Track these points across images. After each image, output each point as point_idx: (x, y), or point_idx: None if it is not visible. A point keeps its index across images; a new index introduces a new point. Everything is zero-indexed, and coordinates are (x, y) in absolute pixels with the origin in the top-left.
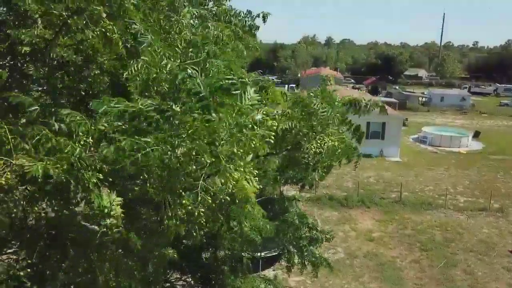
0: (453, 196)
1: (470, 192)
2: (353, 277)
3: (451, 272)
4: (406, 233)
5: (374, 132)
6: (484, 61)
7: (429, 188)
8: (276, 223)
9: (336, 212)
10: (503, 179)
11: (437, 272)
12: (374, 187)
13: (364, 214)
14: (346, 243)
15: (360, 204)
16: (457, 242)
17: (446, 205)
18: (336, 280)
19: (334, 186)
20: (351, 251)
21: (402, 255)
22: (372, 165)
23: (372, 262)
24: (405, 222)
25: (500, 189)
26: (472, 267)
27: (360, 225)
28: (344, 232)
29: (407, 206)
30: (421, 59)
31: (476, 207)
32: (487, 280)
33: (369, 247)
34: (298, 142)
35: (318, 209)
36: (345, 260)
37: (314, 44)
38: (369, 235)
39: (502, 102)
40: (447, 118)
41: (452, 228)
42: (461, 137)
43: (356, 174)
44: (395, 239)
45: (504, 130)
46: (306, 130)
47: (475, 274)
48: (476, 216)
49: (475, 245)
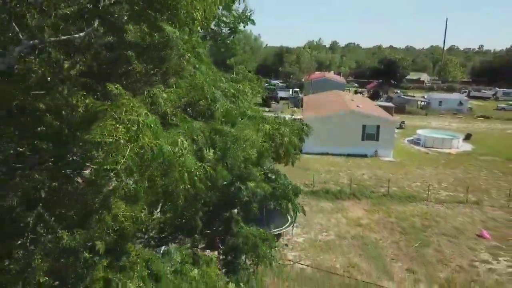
0: (436, 191)
1: (453, 188)
2: (341, 253)
3: (423, 250)
4: (390, 221)
5: (369, 134)
6: (487, 65)
7: (416, 184)
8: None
9: (331, 203)
10: (485, 177)
11: (412, 251)
12: (366, 183)
13: (355, 205)
14: (337, 228)
15: (352, 197)
16: (433, 228)
17: (429, 198)
18: (327, 255)
19: (330, 182)
20: (341, 234)
21: (384, 238)
22: (366, 164)
23: (358, 242)
24: (390, 211)
25: (480, 185)
26: (443, 247)
27: (350, 214)
28: (337, 219)
29: (394, 199)
30: (425, 62)
31: (455, 200)
32: (453, 256)
33: (356, 231)
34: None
35: (315, 200)
36: (335, 241)
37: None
38: (358, 221)
39: (499, 106)
40: (444, 121)
41: (431, 217)
42: (452, 139)
43: (351, 171)
44: (380, 225)
45: (497, 133)
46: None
47: (443, 252)
48: (454, 208)
49: (448, 230)
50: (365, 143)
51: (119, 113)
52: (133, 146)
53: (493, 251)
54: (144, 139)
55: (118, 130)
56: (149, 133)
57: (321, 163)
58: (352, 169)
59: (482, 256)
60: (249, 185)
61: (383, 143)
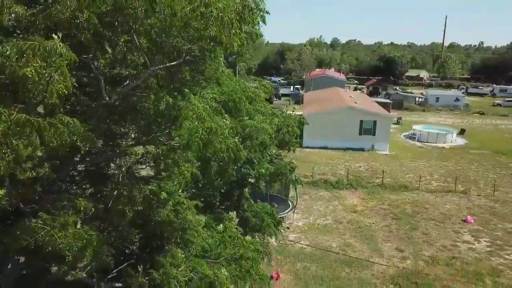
0: (428, 182)
1: (444, 179)
2: (337, 235)
3: (412, 233)
4: (383, 207)
5: (367, 129)
6: (486, 62)
7: (409, 176)
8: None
9: (329, 192)
10: (475, 169)
11: (401, 233)
12: (363, 174)
13: (352, 194)
14: (334, 213)
15: (349, 187)
16: (422, 213)
17: (420, 188)
18: (324, 237)
19: (329, 173)
20: (338, 219)
21: (376, 222)
22: (364, 157)
23: (353, 226)
24: (383, 200)
25: (469, 176)
26: (429, 230)
27: (347, 201)
28: (334, 206)
29: (388, 188)
30: (425, 59)
31: (445, 190)
32: (438, 238)
33: (352, 217)
34: (281, 129)
35: (314, 190)
36: (332, 225)
37: (320, 46)
38: (353, 208)
39: (495, 102)
40: (440, 117)
41: (421, 204)
42: (446, 134)
43: (349, 164)
44: (373, 211)
45: (490, 128)
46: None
47: (430, 235)
48: (443, 196)
49: (436, 216)
50: (363, 137)
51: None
52: (204, 126)
53: (475, 234)
54: (208, 122)
55: (193, 117)
56: (208, 118)
57: (320, 156)
58: (350, 161)
59: (464, 237)
60: (256, 167)
61: (380, 137)
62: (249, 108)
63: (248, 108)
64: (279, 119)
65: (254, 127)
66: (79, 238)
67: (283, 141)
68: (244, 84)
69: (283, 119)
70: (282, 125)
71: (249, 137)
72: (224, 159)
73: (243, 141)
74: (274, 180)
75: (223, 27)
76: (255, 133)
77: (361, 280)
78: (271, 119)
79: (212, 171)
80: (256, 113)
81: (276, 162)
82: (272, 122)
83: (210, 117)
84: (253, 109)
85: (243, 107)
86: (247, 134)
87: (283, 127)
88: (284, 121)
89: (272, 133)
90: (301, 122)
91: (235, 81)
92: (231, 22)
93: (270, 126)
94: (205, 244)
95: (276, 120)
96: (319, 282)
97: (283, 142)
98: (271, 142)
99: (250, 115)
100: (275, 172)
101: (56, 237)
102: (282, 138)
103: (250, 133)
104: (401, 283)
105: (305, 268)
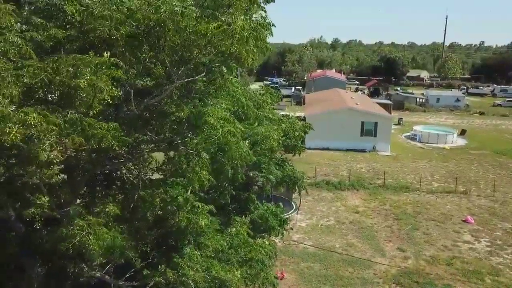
0: (428, 182)
1: (444, 179)
2: (339, 236)
3: (413, 233)
4: (385, 208)
5: (368, 130)
6: (487, 62)
7: (410, 176)
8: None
9: (331, 193)
10: (475, 169)
11: (402, 233)
12: (364, 175)
13: (353, 195)
14: (337, 214)
15: (351, 188)
16: (423, 214)
17: (421, 188)
18: (327, 237)
19: (331, 174)
20: (340, 219)
21: (378, 222)
22: (365, 158)
23: (355, 226)
24: (385, 200)
25: (470, 177)
26: (430, 230)
27: (349, 202)
28: (336, 207)
29: (389, 189)
30: (426, 59)
31: (445, 190)
32: (439, 238)
33: (354, 217)
34: (288, 134)
35: (317, 191)
36: (335, 225)
37: (321, 46)
38: (355, 209)
39: (496, 103)
40: (441, 118)
41: (422, 205)
42: (447, 134)
43: (350, 165)
44: (375, 212)
45: (490, 129)
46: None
47: (430, 235)
48: (443, 197)
49: (437, 216)
50: (364, 138)
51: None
52: (222, 130)
53: (475, 234)
54: (226, 126)
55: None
56: (227, 124)
57: (322, 157)
58: (351, 162)
59: (465, 237)
60: (264, 172)
61: (381, 138)
62: (258, 115)
63: (257, 115)
64: (286, 125)
65: (263, 134)
66: (109, 241)
67: (289, 145)
68: (250, 91)
69: (290, 125)
70: (289, 130)
71: (258, 142)
72: (237, 165)
73: (252, 147)
74: (281, 185)
75: (244, 44)
76: (264, 140)
77: (364, 279)
78: (278, 125)
79: (226, 175)
80: (264, 119)
81: (285, 167)
82: (279, 128)
83: (228, 122)
84: (262, 116)
85: (251, 113)
86: (256, 140)
87: (290, 131)
88: (291, 127)
89: (280, 139)
90: (307, 126)
91: (240, 87)
92: (247, 39)
93: (278, 132)
94: (218, 245)
95: (283, 126)
96: (323, 281)
97: (290, 147)
98: (279, 148)
99: (259, 120)
100: (283, 179)
101: (90, 243)
102: (289, 143)
103: (260, 139)
104: (403, 283)
105: (309, 268)
